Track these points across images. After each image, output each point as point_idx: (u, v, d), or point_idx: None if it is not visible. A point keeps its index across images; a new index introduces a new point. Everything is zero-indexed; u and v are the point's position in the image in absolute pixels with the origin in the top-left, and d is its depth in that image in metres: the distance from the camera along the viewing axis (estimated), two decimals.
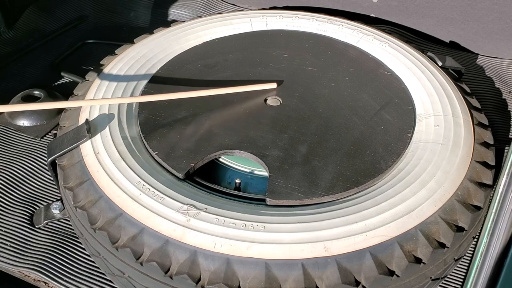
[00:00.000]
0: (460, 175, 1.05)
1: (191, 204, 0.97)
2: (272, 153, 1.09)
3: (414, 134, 1.16)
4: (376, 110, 1.22)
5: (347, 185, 1.02)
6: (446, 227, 0.96)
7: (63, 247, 1.19)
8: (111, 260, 0.98)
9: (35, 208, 1.28)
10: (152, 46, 1.41)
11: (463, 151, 1.09)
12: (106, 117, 1.16)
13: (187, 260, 0.90)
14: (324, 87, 1.29)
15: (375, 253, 0.90)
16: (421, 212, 0.96)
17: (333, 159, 1.08)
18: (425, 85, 1.28)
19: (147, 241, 0.93)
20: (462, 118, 1.18)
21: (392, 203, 0.97)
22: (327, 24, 1.52)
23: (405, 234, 0.93)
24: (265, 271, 0.88)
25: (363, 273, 0.89)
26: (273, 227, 0.92)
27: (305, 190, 1.01)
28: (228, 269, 0.89)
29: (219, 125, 1.16)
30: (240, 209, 0.97)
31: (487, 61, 1.72)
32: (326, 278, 0.88)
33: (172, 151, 1.09)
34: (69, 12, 1.95)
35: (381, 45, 1.43)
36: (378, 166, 1.07)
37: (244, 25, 1.52)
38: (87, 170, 1.05)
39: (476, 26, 1.65)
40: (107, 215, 0.97)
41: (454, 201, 1.00)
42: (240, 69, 1.35)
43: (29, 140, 1.46)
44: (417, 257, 0.92)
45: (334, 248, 0.90)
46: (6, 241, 1.20)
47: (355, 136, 1.14)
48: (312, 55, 1.40)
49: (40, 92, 1.54)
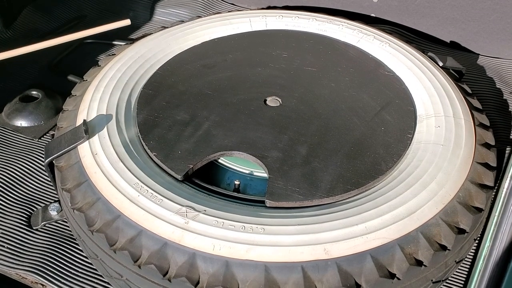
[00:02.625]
0: (462, 176, 1.04)
1: (190, 206, 0.96)
2: (271, 154, 1.08)
3: (415, 135, 1.15)
4: (377, 110, 1.21)
5: (347, 186, 1.01)
6: (448, 229, 0.95)
7: (60, 249, 1.17)
8: (109, 262, 0.97)
9: (32, 210, 1.26)
10: (151, 46, 1.40)
11: (464, 152, 1.08)
12: (104, 118, 1.15)
13: (186, 263, 0.89)
14: (324, 88, 1.28)
15: (376, 255, 0.89)
16: (422, 214, 0.95)
17: (333, 160, 1.07)
18: (426, 86, 1.27)
19: (145, 243, 0.92)
20: (463, 119, 1.17)
21: (392, 205, 0.96)
22: (327, 24, 1.51)
23: (406, 237, 0.92)
24: (265, 274, 0.87)
25: (363, 276, 0.88)
26: (272, 229, 0.91)
27: (305, 192, 1.00)
28: (227, 272, 0.87)
29: (218, 126, 1.15)
30: (239, 211, 0.96)
31: (488, 61, 1.71)
32: (326, 281, 0.87)
33: (171, 152, 1.08)
34: (67, 12, 1.94)
35: (382, 45, 1.42)
36: (378, 168, 1.06)
37: (243, 25, 1.51)
38: (84, 172, 1.04)
39: (477, 26, 1.64)
40: (105, 217, 0.96)
41: (455, 203, 0.99)
42: (240, 69, 1.34)
43: (26, 141, 1.45)
44: (418, 260, 0.91)
45: (334, 250, 0.89)
46: (3, 242, 1.19)
47: (355, 137, 1.13)
48: (312, 55, 1.39)
49: (38, 93, 1.52)
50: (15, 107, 1.48)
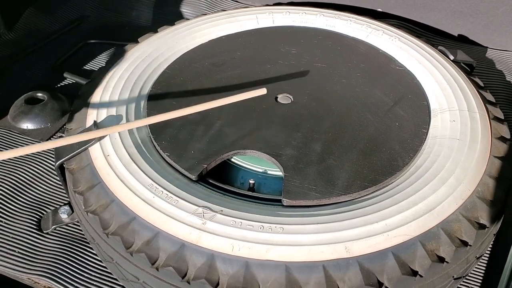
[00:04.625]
0: (480, 171, 1.02)
1: (206, 206, 0.94)
2: (286, 152, 1.06)
3: (430, 130, 1.13)
4: (390, 106, 1.19)
5: (364, 183, 1.00)
6: (468, 225, 0.94)
7: (73, 252, 1.16)
8: (125, 265, 0.95)
9: (42, 213, 1.25)
10: (158, 45, 1.38)
11: (481, 147, 1.07)
12: (114, 119, 1.13)
13: (205, 264, 0.87)
14: (335, 84, 1.26)
15: (397, 253, 0.88)
16: (442, 210, 0.94)
17: (349, 157, 1.06)
18: (438, 80, 1.26)
19: (162, 245, 0.90)
20: (477, 113, 1.15)
21: (412, 202, 0.95)
22: (335, 20, 1.49)
23: (427, 233, 0.91)
24: (286, 274, 0.85)
25: (385, 274, 0.87)
26: (291, 229, 0.90)
27: (322, 190, 0.98)
28: (247, 273, 0.86)
29: (230, 125, 1.14)
30: (257, 210, 0.94)
31: (498, 54, 1.70)
32: (348, 280, 0.86)
33: (184, 152, 1.06)
34: (69, 12, 1.92)
35: (391, 40, 1.40)
36: (395, 164, 1.04)
37: (250, 22, 1.49)
38: (97, 173, 1.02)
39: (485, 19, 1.63)
40: (120, 219, 0.94)
41: (475, 198, 0.98)
42: (249, 67, 1.32)
43: (33, 143, 1.43)
44: (440, 256, 0.90)
45: (355, 248, 0.87)
46: (14, 247, 1.17)
47: (369, 133, 1.12)
48: (321, 51, 1.38)
49: (44, 94, 1.50)
50: (21, 110, 1.46)
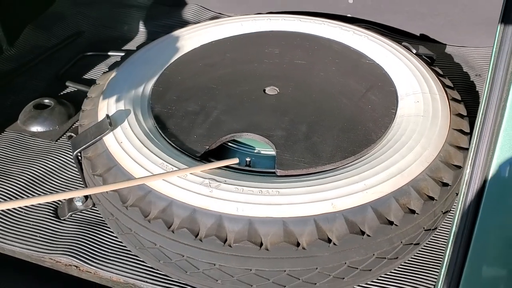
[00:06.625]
0: (441, 140, 1.21)
1: (212, 178, 1.10)
2: (276, 133, 1.23)
3: (398, 110, 1.31)
4: (363, 92, 1.37)
5: (345, 154, 1.17)
6: (434, 183, 1.12)
7: (89, 233, 1.29)
8: (143, 233, 1.10)
9: (58, 203, 1.38)
10: (154, 52, 1.53)
11: (441, 121, 1.25)
12: (123, 113, 1.28)
13: (214, 224, 1.03)
14: (315, 77, 1.44)
15: (375, 206, 1.05)
16: (411, 172, 1.12)
17: (331, 134, 1.23)
18: (403, 70, 1.44)
19: (176, 211, 1.05)
20: (438, 94, 1.34)
21: (385, 166, 1.12)
22: (310, 24, 1.67)
23: (399, 190, 1.08)
24: (283, 228, 1.01)
25: (366, 224, 1.04)
26: (286, 192, 1.06)
27: (309, 161, 1.15)
28: (251, 228, 1.02)
29: (225, 113, 1.30)
30: (255, 179, 1.11)
31: (455, 50, 1.91)
32: (336, 230, 1.02)
33: (187, 137, 1.22)
34: (66, 29, 2.06)
35: (361, 39, 1.59)
36: (370, 138, 1.22)
37: (236, 28, 1.66)
38: (113, 158, 1.17)
39: (443, 19, 1.84)
40: (137, 193, 1.09)
41: (438, 162, 1.15)
42: (238, 66, 1.49)
43: (44, 143, 1.56)
44: (411, 209, 1.07)
45: (340, 204, 1.04)
46: (36, 233, 1.30)
47: (347, 115, 1.29)
48: (301, 50, 1.56)
49: (50, 101, 1.64)
50: (31, 114, 1.60)
